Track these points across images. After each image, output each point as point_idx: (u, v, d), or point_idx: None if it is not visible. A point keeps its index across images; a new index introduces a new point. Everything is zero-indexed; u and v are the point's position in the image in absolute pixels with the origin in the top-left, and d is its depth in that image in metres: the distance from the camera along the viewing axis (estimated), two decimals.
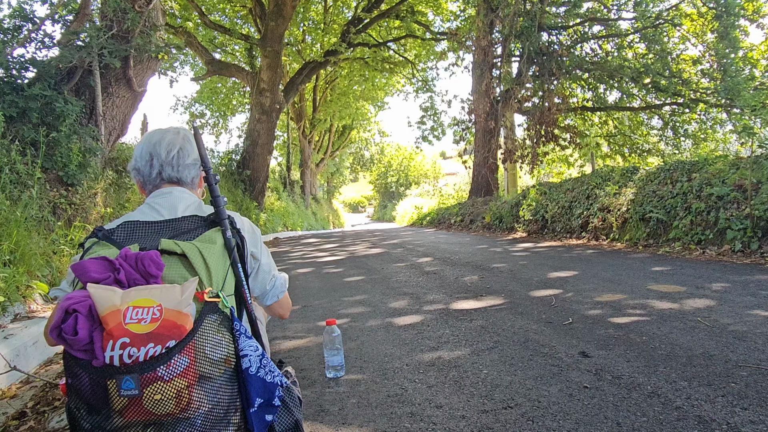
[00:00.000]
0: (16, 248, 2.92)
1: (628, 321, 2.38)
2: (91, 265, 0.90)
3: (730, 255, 4.18)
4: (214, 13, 14.99)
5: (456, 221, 11.83)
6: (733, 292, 2.84)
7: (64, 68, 4.63)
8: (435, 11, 16.17)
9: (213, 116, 21.46)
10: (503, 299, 3.09)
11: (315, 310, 3.18)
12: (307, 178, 21.92)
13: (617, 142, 13.22)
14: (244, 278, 1.06)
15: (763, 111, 5.17)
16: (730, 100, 9.23)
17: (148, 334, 0.84)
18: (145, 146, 1.22)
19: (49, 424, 1.63)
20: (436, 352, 2.13)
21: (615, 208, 6.06)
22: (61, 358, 2.27)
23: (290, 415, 1.10)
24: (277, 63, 11.40)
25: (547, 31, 11.42)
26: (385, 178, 41.94)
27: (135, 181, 1.29)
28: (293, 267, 5.57)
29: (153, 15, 5.55)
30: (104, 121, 5.09)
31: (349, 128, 27.78)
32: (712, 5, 9.87)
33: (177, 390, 0.84)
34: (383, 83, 20.64)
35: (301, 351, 2.31)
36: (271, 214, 13.44)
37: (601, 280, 3.51)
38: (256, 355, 0.95)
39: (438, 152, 46.45)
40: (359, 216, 47.96)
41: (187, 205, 1.17)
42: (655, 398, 1.52)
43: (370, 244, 8.07)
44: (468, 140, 13.76)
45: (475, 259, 5.12)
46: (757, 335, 2.04)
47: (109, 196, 4.90)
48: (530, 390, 1.65)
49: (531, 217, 8.11)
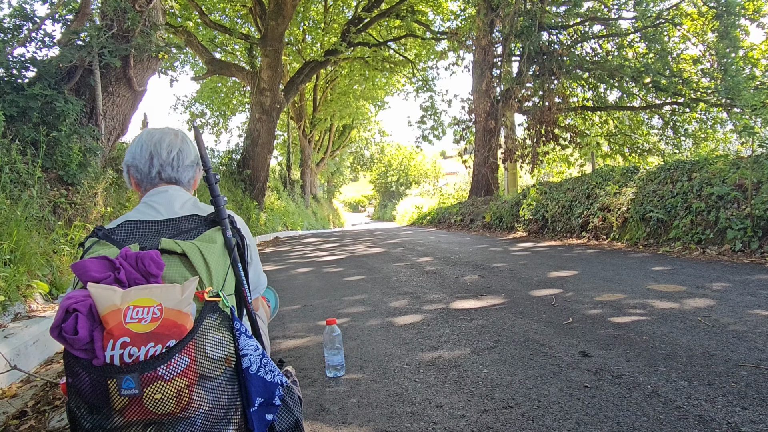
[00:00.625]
0: (17, 247, 2.92)
1: (628, 320, 2.38)
2: (92, 264, 0.90)
3: (731, 254, 4.18)
4: (214, 12, 14.99)
5: (456, 221, 11.83)
6: (733, 292, 2.84)
7: (64, 68, 4.63)
8: (435, 11, 16.16)
9: (213, 116, 21.46)
10: (503, 299, 3.09)
11: (315, 309, 3.18)
12: (307, 178, 21.92)
13: (617, 142, 13.21)
14: (244, 277, 1.06)
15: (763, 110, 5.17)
16: (731, 100, 9.23)
17: (148, 334, 0.84)
18: (145, 145, 1.22)
19: (49, 423, 1.64)
20: (436, 351, 2.13)
21: (615, 207, 6.06)
22: (61, 357, 2.27)
23: (290, 414, 1.10)
24: (277, 62, 11.40)
25: (547, 30, 11.41)
26: (385, 178, 41.96)
27: (128, 178, 1.26)
28: (293, 266, 5.58)
29: (153, 14, 5.55)
30: (104, 120, 5.09)
31: (349, 128, 27.78)
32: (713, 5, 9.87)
33: (177, 389, 0.84)
34: (383, 83, 20.63)
35: (301, 350, 2.31)
36: (271, 214, 13.44)
37: (602, 279, 3.50)
38: (256, 355, 0.95)
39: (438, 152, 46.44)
40: (359, 215, 47.97)
41: (183, 203, 1.17)
42: (655, 398, 1.52)
43: (370, 244, 8.07)
44: (468, 140, 13.76)
45: (476, 259, 5.12)
46: (757, 335, 2.04)
47: (110, 196, 4.90)
48: (530, 389, 1.65)
49: (531, 217, 8.11)
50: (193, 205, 1.18)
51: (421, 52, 17.37)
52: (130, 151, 1.24)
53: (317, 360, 2.12)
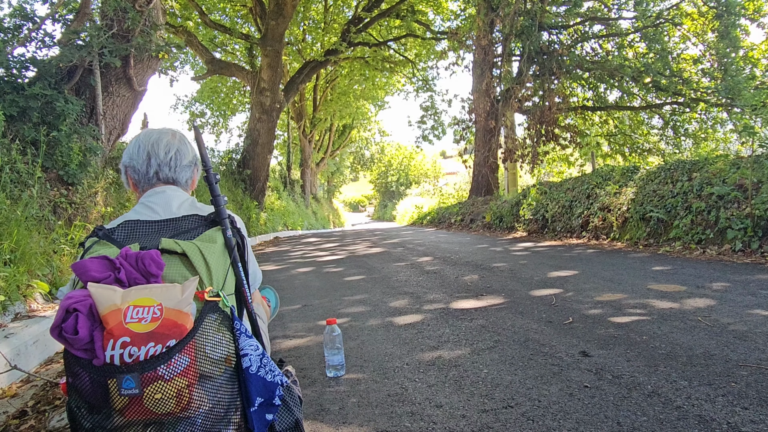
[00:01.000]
0: (17, 247, 2.92)
1: (628, 320, 2.38)
2: (92, 264, 0.90)
3: (731, 254, 4.18)
4: (214, 12, 14.99)
5: (456, 221, 11.82)
6: (733, 292, 2.84)
7: (64, 67, 4.63)
8: (435, 10, 16.16)
9: (213, 115, 21.47)
10: (503, 299, 3.09)
11: (315, 309, 3.18)
12: (307, 178, 21.93)
13: (618, 142, 13.21)
14: (244, 277, 1.06)
15: (763, 110, 5.16)
16: (731, 100, 9.23)
17: (148, 334, 0.84)
18: (143, 145, 1.22)
19: (49, 423, 1.64)
20: (436, 351, 2.13)
21: (615, 207, 6.06)
22: (61, 357, 2.27)
23: (290, 414, 1.10)
24: (277, 62, 11.40)
25: (547, 30, 11.41)
26: (385, 178, 41.97)
27: (126, 178, 1.25)
28: (293, 266, 5.57)
29: (153, 14, 5.55)
30: (104, 120, 5.09)
31: (349, 127, 27.79)
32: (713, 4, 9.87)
33: (177, 389, 0.85)
34: (383, 83, 20.64)
35: (301, 350, 2.31)
36: (271, 214, 13.44)
37: (602, 279, 3.50)
38: (256, 355, 0.96)
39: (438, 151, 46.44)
40: (359, 215, 47.98)
41: (181, 202, 1.17)
42: (655, 398, 1.52)
43: (370, 244, 8.07)
44: (468, 140, 13.76)
45: (476, 259, 5.12)
46: (757, 335, 2.03)
47: (110, 196, 4.90)
48: (530, 389, 1.65)
49: (531, 217, 8.11)
50: (191, 205, 1.18)
51: (421, 52, 17.36)
52: (127, 151, 1.24)
53: (317, 360, 2.12)
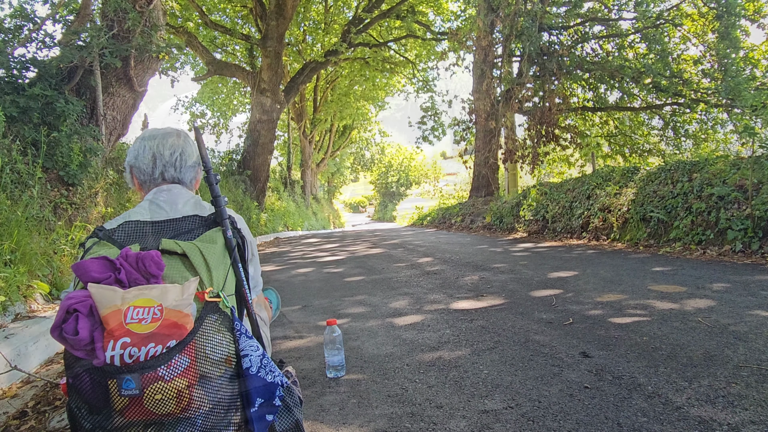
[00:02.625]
0: (17, 248, 2.92)
1: (628, 321, 2.38)
2: (92, 264, 0.90)
3: (731, 255, 4.17)
4: (214, 13, 15.00)
5: (456, 221, 11.82)
6: (733, 293, 2.84)
7: (64, 68, 4.63)
8: (435, 11, 16.17)
9: (214, 116, 21.48)
10: (504, 299, 3.09)
11: (315, 309, 3.18)
12: (307, 178, 21.93)
13: (618, 142, 13.20)
14: (244, 278, 1.06)
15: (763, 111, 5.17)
16: (731, 100, 9.22)
17: (148, 334, 0.84)
18: (148, 146, 1.22)
19: (49, 423, 1.64)
20: (436, 352, 2.13)
21: (616, 208, 6.06)
22: (61, 357, 2.28)
23: (291, 415, 1.10)
24: (277, 63, 11.41)
25: (547, 31, 11.41)
26: (385, 178, 41.96)
27: (130, 179, 1.26)
28: (294, 267, 5.57)
29: (154, 15, 5.56)
30: (105, 120, 5.10)
31: (349, 128, 27.78)
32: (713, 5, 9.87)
33: (178, 390, 0.84)
34: (384, 83, 20.64)
35: (301, 351, 2.31)
36: (271, 214, 13.44)
37: (602, 280, 3.50)
38: (256, 355, 0.95)
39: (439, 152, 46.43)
40: (360, 216, 47.94)
41: (186, 201, 1.18)
42: (655, 398, 1.51)
43: (370, 244, 8.06)
44: (469, 140, 13.76)
45: (476, 259, 5.12)
46: (757, 335, 2.03)
47: (110, 196, 4.90)
48: (531, 390, 1.64)
49: (531, 217, 8.11)
50: (195, 204, 1.19)
51: (422, 53, 17.38)
52: (132, 151, 1.24)
53: (317, 360, 2.12)
